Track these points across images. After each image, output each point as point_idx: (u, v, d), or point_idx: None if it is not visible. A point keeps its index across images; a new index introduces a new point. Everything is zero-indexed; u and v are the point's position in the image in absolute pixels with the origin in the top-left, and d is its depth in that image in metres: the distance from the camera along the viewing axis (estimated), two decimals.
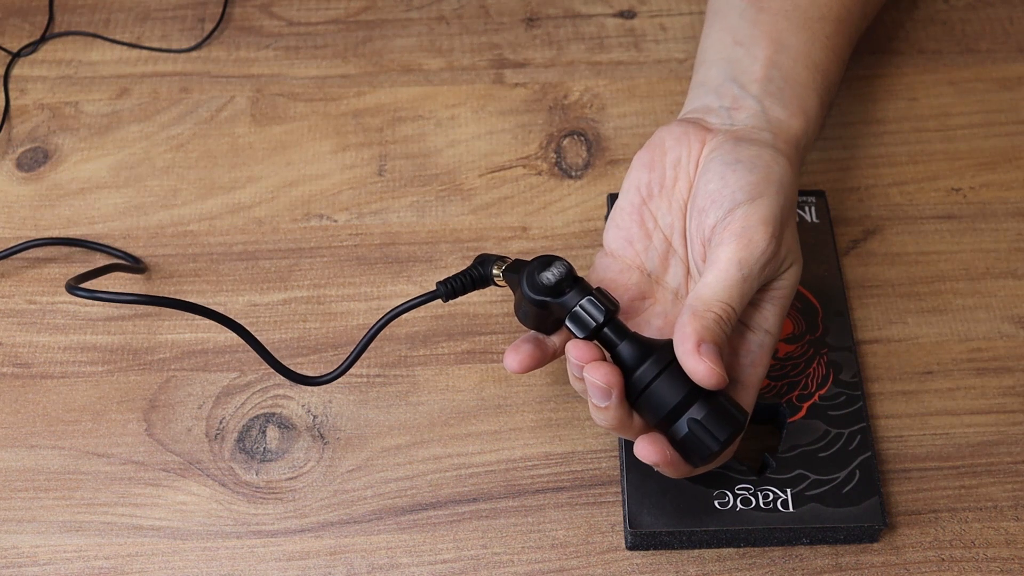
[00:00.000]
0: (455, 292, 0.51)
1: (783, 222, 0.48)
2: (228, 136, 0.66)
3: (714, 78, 0.54)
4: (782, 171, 0.49)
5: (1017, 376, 0.56)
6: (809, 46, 0.55)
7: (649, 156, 0.51)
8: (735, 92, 0.53)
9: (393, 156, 0.65)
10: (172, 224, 0.63)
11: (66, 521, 0.53)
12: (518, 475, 0.54)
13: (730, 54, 0.55)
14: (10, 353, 0.58)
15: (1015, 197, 0.63)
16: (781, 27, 0.55)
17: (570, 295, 0.47)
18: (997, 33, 0.70)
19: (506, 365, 0.48)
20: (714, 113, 0.52)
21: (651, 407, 0.46)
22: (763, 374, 0.49)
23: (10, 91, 0.69)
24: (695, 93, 0.55)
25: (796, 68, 0.54)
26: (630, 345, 0.46)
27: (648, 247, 0.51)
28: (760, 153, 0.49)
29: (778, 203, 0.48)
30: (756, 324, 0.49)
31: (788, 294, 0.49)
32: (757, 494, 0.51)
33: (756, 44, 0.54)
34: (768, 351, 0.49)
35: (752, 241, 0.46)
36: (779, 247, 0.47)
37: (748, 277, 0.46)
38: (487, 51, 0.70)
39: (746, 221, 0.47)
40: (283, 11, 0.72)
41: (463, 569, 0.51)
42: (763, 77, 0.53)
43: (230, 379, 0.57)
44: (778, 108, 0.52)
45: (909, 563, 0.51)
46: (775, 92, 0.53)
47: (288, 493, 0.54)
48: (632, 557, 0.52)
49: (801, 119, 0.52)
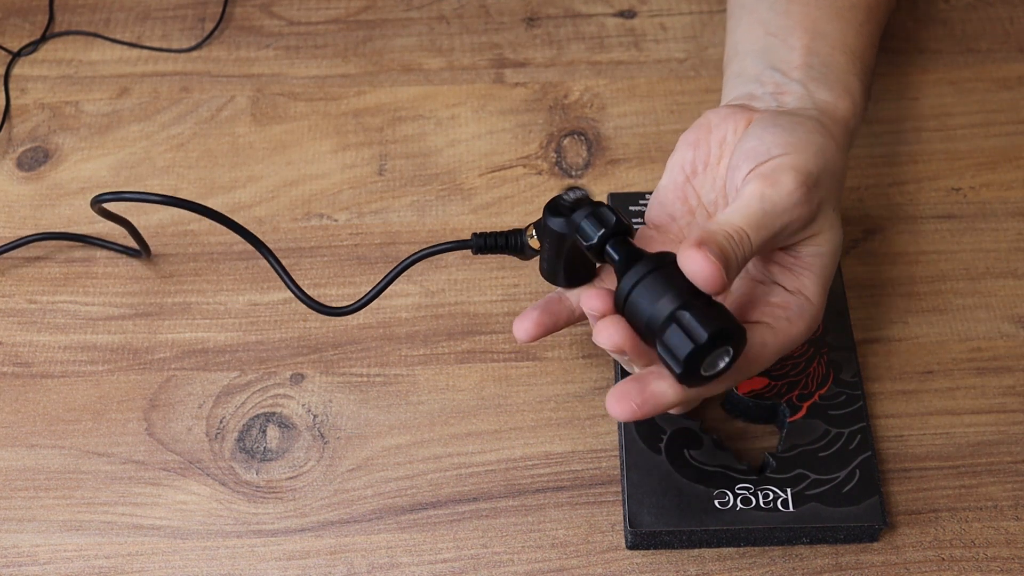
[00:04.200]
0: (487, 247, 0.50)
1: (817, 179, 0.46)
2: (228, 136, 0.66)
3: (751, 67, 0.54)
4: (823, 139, 0.47)
5: (1017, 376, 0.56)
6: (844, 34, 0.54)
7: (695, 136, 0.50)
8: (777, 79, 0.52)
9: (393, 156, 0.65)
10: (172, 224, 0.63)
11: (66, 520, 0.53)
12: (518, 475, 0.54)
13: (765, 44, 0.54)
14: (10, 353, 0.58)
15: (1015, 197, 0.63)
16: (814, 16, 0.55)
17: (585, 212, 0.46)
18: (997, 33, 0.70)
19: (515, 334, 0.47)
20: (759, 99, 0.52)
21: (637, 309, 0.42)
22: (797, 337, 0.46)
23: (10, 91, 0.69)
24: (733, 83, 0.54)
25: (834, 55, 0.53)
26: (629, 254, 0.44)
27: (691, 223, 0.50)
28: (802, 121, 0.48)
29: (814, 162, 0.46)
30: (795, 288, 0.47)
31: (826, 263, 0.47)
32: (757, 494, 0.51)
33: (791, 34, 0.54)
34: (807, 318, 0.46)
35: (779, 182, 0.44)
36: (809, 200, 0.45)
37: (769, 212, 0.44)
38: (487, 51, 0.70)
39: (776, 165, 0.45)
40: (283, 11, 0.72)
41: (463, 569, 0.51)
42: (803, 64, 0.52)
43: (230, 378, 0.57)
44: (823, 91, 0.51)
45: (909, 563, 0.51)
46: (818, 77, 0.52)
47: (288, 493, 0.54)
48: (632, 557, 0.52)
49: (847, 101, 0.52)
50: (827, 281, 0.47)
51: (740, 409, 0.54)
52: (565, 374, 0.57)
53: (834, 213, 0.48)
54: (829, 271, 0.47)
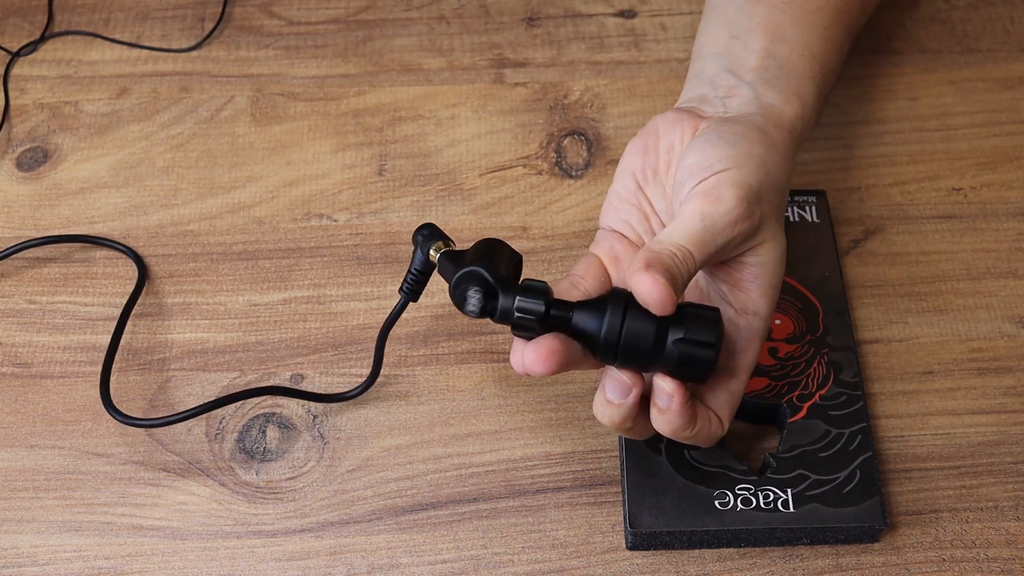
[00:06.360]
0: (418, 291, 0.53)
1: (758, 193, 0.47)
2: (228, 136, 0.66)
3: (709, 70, 0.54)
4: (764, 150, 0.48)
5: (1018, 376, 0.56)
6: (806, 36, 0.55)
7: (643, 143, 0.51)
8: (730, 82, 0.53)
9: (393, 156, 0.65)
10: (172, 224, 0.63)
11: (66, 521, 0.53)
12: (518, 475, 0.54)
13: (727, 47, 0.55)
14: (10, 353, 0.58)
15: (1016, 197, 0.63)
16: (778, 19, 0.55)
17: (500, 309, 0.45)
18: (998, 33, 0.70)
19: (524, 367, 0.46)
20: (709, 102, 0.52)
21: (633, 353, 0.44)
22: (753, 360, 0.48)
23: (10, 91, 0.69)
24: (690, 85, 0.55)
25: (792, 57, 0.54)
26: (582, 312, 0.44)
27: (647, 230, 0.51)
28: (744, 131, 0.48)
29: (755, 175, 0.47)
30: (743, 306, 0.48)
31: (771, 272, 0.48)
32: (757, 494, 0.51)
33: (752, 36, 0.54)
34: (758, 336, 0.48)
35: (719, 199, 0.45)
36: (751, 215, 0.46)
37: (710, 229, 0.45)
38: (487, 51, 0.70)
39: (717, 183, 0.46)
40: (283, 11, 0.72)
41: (463, 569, 0.51)
42: (758, 66, 0.53)
43: (230, 379, 0.57)
44: (772, 94, 0.52)
45: (910, 563, 0.51)
46: (770, 79, 0.52)
47: (288, 493, 0.54)
48: (632, 557, 0.52)
49: (796, 104, 0.52)
50: (774, 290, 0.48)
51: (740, 409, 0.54)
52: (565, 374, 0.57)
53: (776, 224, 0.48)
54: (775, 279, 0.48)
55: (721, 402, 0.47)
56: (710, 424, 0.47)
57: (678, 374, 0.44)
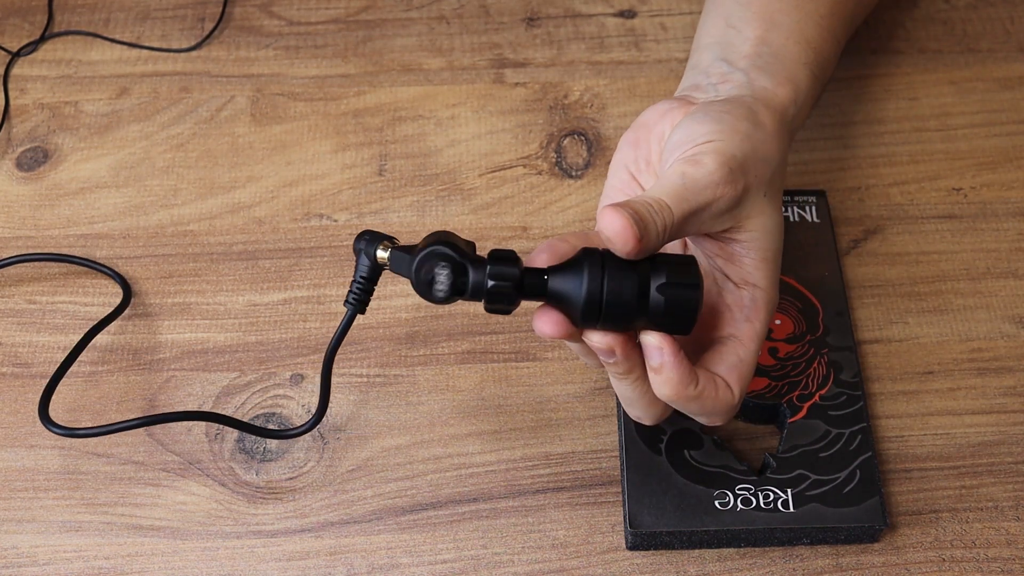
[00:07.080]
0: (365, 301, 0.50)
1: (742, 163, 0.46)
2: (228, 136, 0.66)
3: (705, 60, 0.54)
4: (750, 126, 0.48)
5: (1018, 376, 0.56)
6: (802, 24, 0.55)
7: (635, 135, 0.51)
8: (723, 69, 0.53)
9: (393, 156, 0.65)
10: (172, 224, 0.63)
11: (66, 521, 0.53)
12: (518, 475, 0.54)
13: (722, 36, 0.55)
14: (10, 353, 0.58)
15: (1016, 197, 0.63)
16: (773, 8, 0.55)
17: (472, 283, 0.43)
18: (998, 33, 0.70)
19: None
20: (701, 89, 0.52)
21: (617, 308, 0.42)
22: (761, 331, 0.47)
23: (10, 91, 0.69)
24: (686, 76, 0.55)
25: (787, 44, 0.54)
26: (557, 275, 0.43)
27: None
28: (731, 109, 0.48)
29: (740, 147, 0.46)
30: (741, 278, 0.47)
31: (763, 245, 0.47)
32: (757, 494, 0.51)
33: (747, 25, 0.55)
34: (763, 306, 0.47)
35: (700, 163, 0.45)
36: (733, 180, 0.45)
37: (689, 187, 0.44)
38: (487, 51, 0.70)
39: (700, 151, 0.46)
40: (283, 11, 0.72)
41: (463, 569, 0.51)
42: (752, 53, 0.53)
43: (230, 379, 0.57)
44: (764, 78, 0.52)
45: (910, 563, 0.51)
46: (763, 66, 0.52)
47: (288, 493, 0.54)
48: (632, 557, 0.52)
49: (788, 88, 0.52)
50: (772, 264, 0.48)
51: (740, 409, 0.54)
52: (565, 374, 0.57)
53: (766, 199, 0.47)
54: (771, 253, 0.48)
55: (728, 366, 0.46)
56: (716, 388, 0.45)
57: (664, 325, 0.43)
